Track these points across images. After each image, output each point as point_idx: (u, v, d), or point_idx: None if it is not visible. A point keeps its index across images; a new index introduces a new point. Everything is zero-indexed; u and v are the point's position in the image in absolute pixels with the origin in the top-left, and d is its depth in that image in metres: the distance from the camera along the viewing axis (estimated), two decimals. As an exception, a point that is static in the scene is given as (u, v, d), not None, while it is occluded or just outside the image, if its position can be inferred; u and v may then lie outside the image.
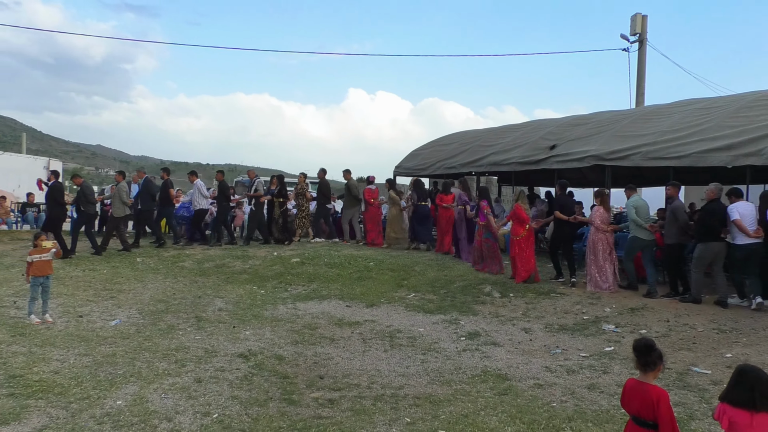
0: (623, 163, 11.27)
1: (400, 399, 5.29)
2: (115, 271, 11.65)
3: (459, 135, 18.81)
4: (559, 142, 13.19)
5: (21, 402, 5.01)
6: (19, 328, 7.35)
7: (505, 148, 14.84)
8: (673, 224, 9.35)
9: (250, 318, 8.33)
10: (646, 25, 20.05)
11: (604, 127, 12.74)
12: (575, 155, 12.25)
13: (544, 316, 8.57)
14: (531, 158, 13.52)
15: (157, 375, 5.80)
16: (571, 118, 15.10)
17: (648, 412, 3.22)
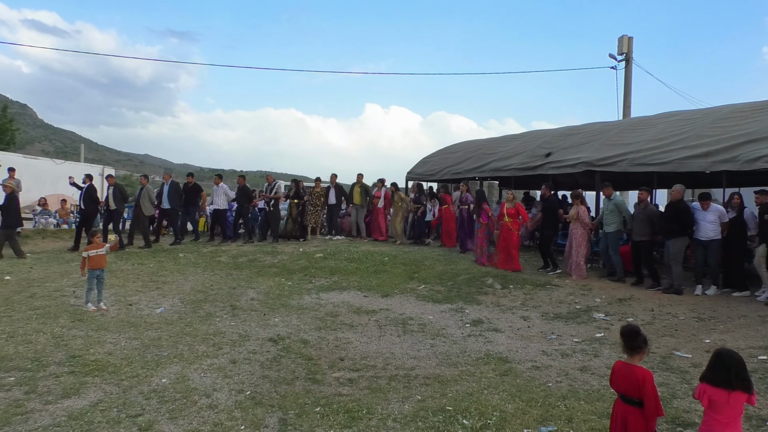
0: (612, 168, 11.16)
1: (411, 379, 5.27)
2: (160, 265, 11.73)
3: (464, 144, 18.75)
4: (553, 150, 13.11)
5: (80, 379, 5.07)
6: (77, 315, 7.43)
7: (505, 155, 14.76)
8: (647, 224, 9.34)
9: (279, 306, 8.35)
10: (632, 45, 19.82)
11: (594, 136, 12.64)
12: (568, 162, 12.17)
13: (540, 305, 8.50)
14: (529, 164, 13.45)
15: (197, 356, 5.83)
16: (564, 128, 14.99)
17: (634, 390, 3.18)
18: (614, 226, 9.90)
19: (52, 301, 8.22)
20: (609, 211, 9.99)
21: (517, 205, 11.27)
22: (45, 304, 7.98)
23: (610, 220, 9.94)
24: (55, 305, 7.93)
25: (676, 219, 8.90)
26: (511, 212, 11.17)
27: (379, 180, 15.72)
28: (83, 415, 4.30)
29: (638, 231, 9.47)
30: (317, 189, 15.13)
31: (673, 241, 8.96)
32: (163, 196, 14.24)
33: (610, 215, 9.94)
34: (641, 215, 9.45)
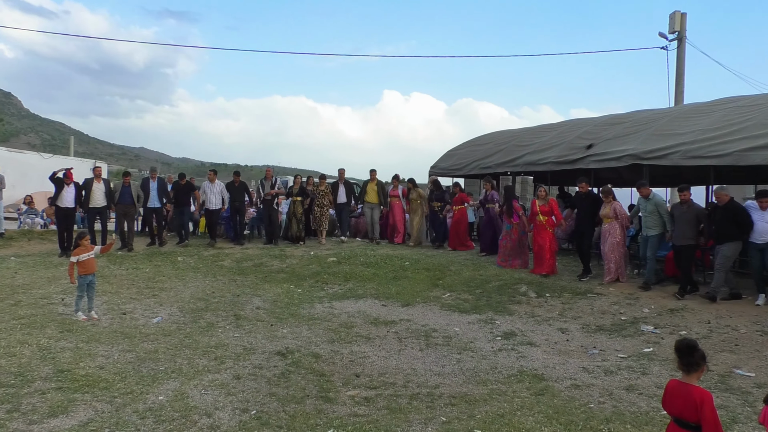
0: (662, 162, 11.02)
1: (435, 398, 5.24)
2: (157, 269, 11.85)
3: (494, 135, 18.66)
4: (595, 142, 12.97)
5: (68, 396, 5.12)
6: (66, 325, 7.52)
7: (540, 147, 14.66)
8: (693, 226, 9.21)
9: (288, 316, 8.37)
10: (685, 22, 19.58)
11: (641, 126, 12.47)
12: (612, 154, 12.03)
13: (580, 316, 8.42)
14: (567, 158, 13.33)
15: (197, 371, 5.86)
16: (607, 117, 14.83)
17: (691, 413, 3.12)
18: (657, 229, 9.77)
19: (39, 309, 8.33)
20: (649, 213, 9.86)
21: (550, 202, 11.25)
22: (30, 313, 8.09)
23: (652, 223, 9.82)
24: (41, 314, 8.03)
25: (731, 221, 8.74)
26: (544, 210, 11.14)
27: (394, 177, 15.65)
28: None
29: (683, 234, 9.31)
30: (322, 187, 15.12)
31: (728, 245, 8.80)
32: (151, 194, 14.22)
33: (651, 217, 9.81)
34: (686, 216, 9.29)
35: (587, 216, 10.91)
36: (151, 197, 14.16)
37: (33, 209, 17.78)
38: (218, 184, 14.73)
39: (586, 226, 11.02)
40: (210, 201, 14.64)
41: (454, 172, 17.78)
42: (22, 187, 20.53)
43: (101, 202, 13.48)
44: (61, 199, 13.05)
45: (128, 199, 13.72)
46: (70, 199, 13.12)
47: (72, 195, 13.14)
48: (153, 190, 14.17)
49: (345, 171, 15.82)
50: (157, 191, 14.20)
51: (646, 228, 9.95)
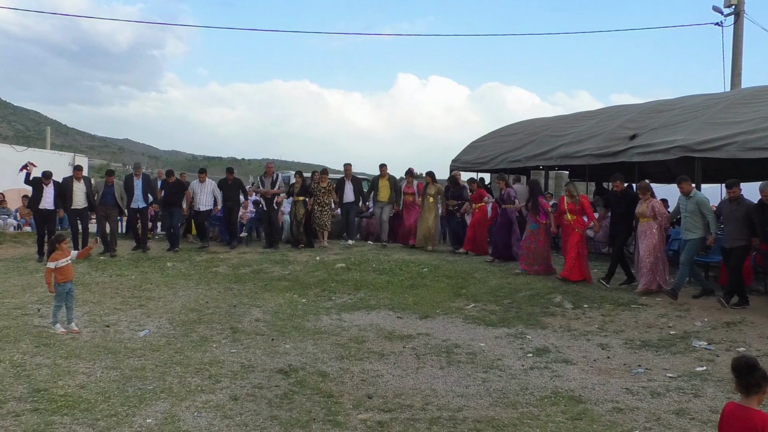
0: (717, 154, 10.93)
1: (458, 422, 5.24)
2: (143, 276, 11.95)
3: (524, 124, 18.62)
4: (640, 132, 12.91)
5: (45, 418, 5.17)
6: (43, 338, 7.60)
7: (577, 138, 14.61)
8: (745, 225, 9.09)
9: (291, 330, 8.41)
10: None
11: (693, 113, 12.40)
12: (659, 146, 11.96)
13: (623, 330, 8.38)
14: (608, 150, 13.27)
15: (189, 391, 5.90)
16: (654, 103, 14.77)
17: (751, 441, 3.10)
18: (698, 232, 9.61)
19: (12, 321, 8.42)
20: (689, 212, 9.67)
21: (581, 200, 11.15)
22: (3, 326, 8.18)
23: (692, 224, 9.65)
24: (15, 326, 8.13)
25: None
26: (573, 209, 11.06)
27: (407, 171, 15.52)
28: (50, 462, 4.39)
29: (733, 234, 9.21)
30: (323, 184, 15.01)
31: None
32: (135, 192, 14.27)
33: (692, 218, 9.64)
34: (735, 214, 9.18)
35: (623, 217, 10.75)
36: (136, 196, 14.19)
37: (5, 209, 17.99)
38: (209, 183, 14.78)
39: (621, 228, 10.86)
40: (200, 201, 14.67)
41: (479, 167, 17.77)
42: (-8, 184, 20.75)
43: (82, 203, 13.59)
44: (40, 201, 13.18)
45: (111, 199, 13.78)
46: (49, 200, 13.25)
47: (51, 196, 13.27)
48: (137, 188, 14.20)
49: (352, 166, 15.68)
50: (142, 190, 14.24)
51: (685, 230, 9.79)
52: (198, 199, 14.65)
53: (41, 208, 13.31)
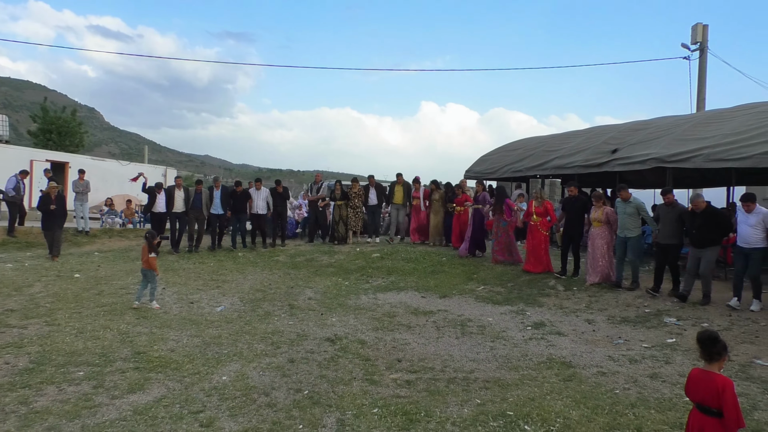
0: (685, 165, 10.67)
1: (471, 382, 5.21)
2: (220, 264, 12.08)
3: (524, 141, 18.39)
4: (620, 146, 12.66)
5: (144, 375, 5.27)
6: (142, 312, 7.75)
7: (568, 152, 14.38)
8: (678, 225, 8.72)
9: (336, 306, 8.43)
10: (707, 33, 18.94)
11: (665, 131, 12.12)
12: (637, 158, 11.72)
13: (606, 308, 8.24)
14: (593, 161, 13.04)
15: (256, 355, 5.96)
16: (632, 123, 14.46)
17: (713, 399, 3.03)
18: (637, 231, 9.27)
19: (118, 298, 8.59)
20: (628, 215, 9.30)
21: (545, 204, 10.85)
22: (111, 302, 8.35)
23: (631, 225, 9.27)
24: (121, 303, 8.29)
25: (712, 226, 8.20)
26: (539, 211, 10.77)
27: (415, 179, 15.22)
28: (147, 410, 4.47)
29: (668, 233, 8.84)
30: (355, 189, 14.80)
31: (711, 249, 8.25)
32: (215, 201, 14.05)
33: (630, 219, 9.27)
34: (670, 216, 8.81)
35: (576, 219, 10.34)
36: (215, 204, 14.03)
37: (113, 210, 18.32)
38: (264, 191, 14.52)
39: (575, 229, 10.42)
40: (257, 206, 14.41)
41: (488, 176, 17.59)
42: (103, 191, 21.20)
43: (181, 207, 13.48)
44: (156, 206, 13.37)
45: (199, 204, 13.69)
46: (161, 204, 13.34)
47: (163, 201, 13.34)
48: (216, 197, 14.06)
49: (375, 176, 15.45)
50: (221, 199, 14.06)
51: (625, 230, 9.33)
52: (256, 204, 14.40)
53: (156, 212, 13.42)
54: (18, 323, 7.02)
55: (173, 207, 13.42)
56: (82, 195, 15.39)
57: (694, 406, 3.18)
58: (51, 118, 32.66)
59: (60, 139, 31.92)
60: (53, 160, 23.70)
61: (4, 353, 5.83)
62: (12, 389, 4.87)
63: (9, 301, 8.26)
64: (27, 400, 4.65)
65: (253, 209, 14.40)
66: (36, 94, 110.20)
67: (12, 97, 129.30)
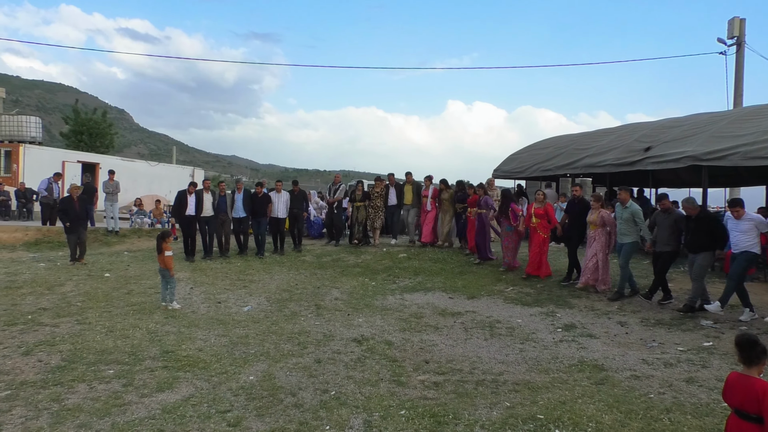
0: (721, 163, 10.43)
1: (500, 384, 5.16)
2: (247, 264, 12.20)
3: (554, 139, 18.20)
4: (654, 144, 12.43)
5: (173, 374, 5.35)
6: (170, 312, 7.87)
7: (599, 150, 14.17)
8: (674, 232, 8.41)
9: (363, 307, 8.44)
10: (744, 28, 18.47)
11: (700, 128, 11.86)
12: (671, 156, 11.49)
13: (639, 310, 8.09)
14: (625, 160, 12.82)
15: (282, 355, 6.00)
16: (665, 120, 14.19)
17: (752, 405, 2.94)
18: (632, 237, 8.98)
19: (147, 298, 8.74)
20: (624, 220, 9.02)
21: (546, 207, 10.55)
22: (141, 301, 8.50)
23: (626, 230, 9.00)
24: (149, 302, 8.43)
25: (705, 231, 7.93)
26: (539, 213, 10.50)
27: (426, 177, 14.93)
28: (176, 408, 4.53)
29: (664, 240, 8.51)
30: (378, 189, 14.43)
31: (703, 255, 7.97)
32: (236, 204, 13.67)
33: (626, 225, 9.00)
34: (666, 222, 8.50)
35: (576, 220, 10.03)
36: (236, 207, 13.66)
37: (142, 210, 18.64)
38: (284, 194, 14.17)
39: (574, 231, 10.14)
40: (278, 210, 14.04)
41: (516, 175, 17.45)
42: (133, 191, 21.62)
43: (209, 211, 13.14)
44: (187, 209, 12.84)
45: (224, 207, 13.42)
46: (192, 207, 12.91)
47: (194, 204, 12.92)
48: (238, 200, 13.70)
49: (394, 175, 14.98)
50: (243, 202, 13.70)
51: (621, 235, 9.09)
52: (276, 207, 14.04)
53: (187, 215, 12.92)
54: (50, 321, 7.20)
55: (202, 211, 13.06)
56: (112, 195, 15.70)
57: (732, 411, 3.10)
58: (82, 119, 33.47)
59: (91, 141, 32.68)
60: (84, 161, 24.28)
61: (37, 351, 5.98)
62: (45, 386, 4.99)
63: (42, 299, 8.47)
64: (59, 397, 4.76)
65: (273, 212, 13.99)
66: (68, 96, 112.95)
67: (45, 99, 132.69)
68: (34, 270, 10.82)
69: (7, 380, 5.15)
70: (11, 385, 5.02)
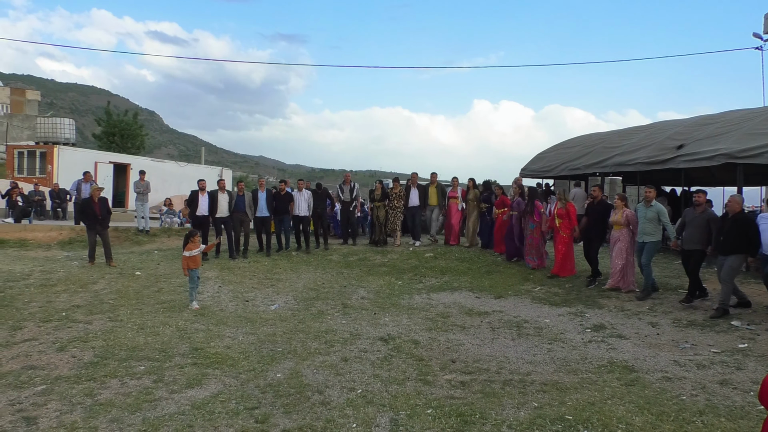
0: (757, 160, 10.17)
1: (527, 384, 5.12)
2: (274, 263, 12.31)
3: (583, 138, 17.99)
4: (686, 142, 12.19)
5: (202, 370, 5.43)
6: (199, 310, 7.98)
7: (630, 149, 13.96)
8: (704, 231, 8.16)
9: (389, 306, 8.45)
10: (781, 21, 18.01)
11: (735, 125, 11.59)
12: (704, 154, 11.25)
13: (671, 311, 7.94)
14: (657, 158, 12.60)
15: (309, 353, 6.04)
16: (698, 118, 13.91)
17: (789, 409, 2.86)
18: (656, 236, 8.81)
19: (177, 296, 8.88)
20: (648, 219, 8.83)
21: (567, 206, 10.37)
22: (170, 299, 8.64)
23: (650, 229, 8.80)
24: (179, 300, 8.56)
25: (740, 233, 7.67)
26: (561, 213, 10.35)
27: (453, 178, 14.54)
28: (205, 405, 4.60)
29: (693, 239, 8.29)
30: (395, 190, 14.31)
31: (734, 257, 7.73)
32: (259, 203, 13.65)
33: (650, 224, 8.80)
34: (697, 220, 8.26)
35: (597, 222, 9.86)
36: (260, 207, 13.66)
37: (172, 210, 18.94)
38: (306, 193, 14.08)
39: (595, 233, 9.97)
40: (299, 208, 13.97)
41: (544, 174, 17.29)
42: (163, 191, 21.95)
43: (225, 211, 13.15)
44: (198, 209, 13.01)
45: (242, 207, 13.35)
46: (204, 208, 13.02)
47: (206, 204, 13.02)
48: (261, 200, 13.69)
49: (417, 175, 14.85)
50: (266, 201, 13.73)
51: (644, 234, 8.87)
52: (297, 206, 13.97)
53: (198, 215, 13.05)
54: (83, 318, 7.37)
55: (217, 211, 13.06)
56: (142, 195, 16.01)
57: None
58: (114, 121, 34.18)
59: (122, 142, 33.35)
60: (116, 161, 24.77)
61: (70, 347, 6.12)
62: (78, 382, 5.11)
63: (75, 297, 8.67)
64: (92, 392, 4.87)
65: (295, 211, 13.98)
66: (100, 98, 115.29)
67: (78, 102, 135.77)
68: (68, 268, 11.08)
69: (43, 375, 5.29)
70: (46, 380, 5.15)
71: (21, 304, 8.11)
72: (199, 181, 13.53)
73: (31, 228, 15.53)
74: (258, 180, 15.28)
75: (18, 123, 40.28)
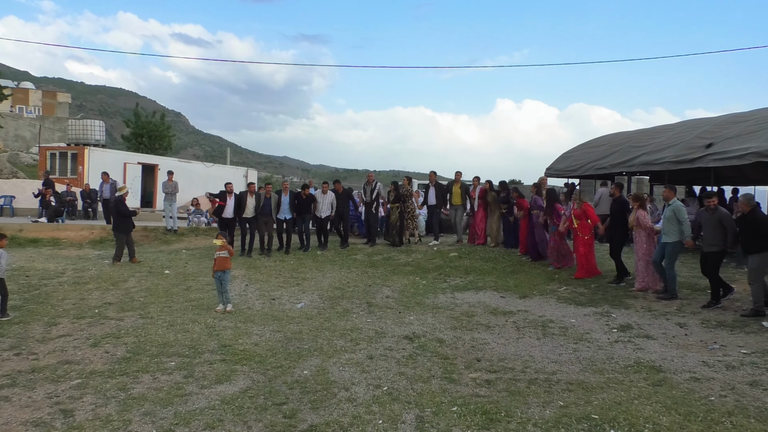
0: (790, 159, 9.95)
1: (553, 383, 5.12)
2: (300, 262, 12.44)
3: (609, 137, 17.76)
4: (716, 140, 11.96)
5: (230, 366, 5.55)
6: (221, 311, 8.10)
7: (657, 148, 13.75)
8: (719, 231, 8.04)
9: (414, 305, 8.49)
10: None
11: (767, 123, 11.36)
12: (734, 152, 11.02)
13: (699, 312, 7.83)
14: (685, 157, 12.38)
15: (335, 351, 6.11)
16: (729, 116, 13.64)
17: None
18: (675, 236, 8.61)
19: (205, 294, 9.04)
20: (667, 218, 8.70)
21: (584, 206, 10.26)
22: (199, 297, 8.81)
23: (669, 229, 8.65)
24: (207, 298, 8.72)
25: (755, 232, 7.54)
26: (577, 214, 10.22)
27: (475, 177, 14.47)
28: (234, 400, 4.70)
29: (709, 240, 8.16)
30: (406, 188, 14.29)
31: (753, 257, 7.60)
32: (282, 206, 13.83)
33: (668, 223, 8.66)
34: (711, 222, 8.14)
35: (617, 221, 9.82)
36: (283, 209, 13.82)
37: (199, 210, 19.22)
38: (330, 195, 14.22)
39: (614, 231, 9.91)
40: (321, 209, 14.12)
41: (570, 173, 17.13)
42: (189, 192, 22.26)
43: (251, 213, 13.32)
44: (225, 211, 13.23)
45: (268, 209, 13.56)
46: (230, 210, 13.23)
47: (232, 207, 13.21)
48: (284, 202, 13.85)
49: (436, 173, 14.75)
50: (289, 203, 13.87)
51: (663, 234, 8.75)
52: (320, 207, 14.14)
53: (224, 217, 13.29)
54: (115, 315, 7.56)
55: (243, 213, 13.26)
56: (170, 195, 16.29)
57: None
58: (142, 122, 34.76)
59: (150, 143, 33.89)
60: (144, 162, 25.22)
61: (104, 343, 6.30)
62: (112, 376, 5.26)
63: (107, 295, 8.89)
64: (125, 386, 5.01)
65: (317, 211, 14.13)
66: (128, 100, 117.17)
67: (107, 104, 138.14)
68: (100, 266, 11.34)
69: (78, 369, 5.46)
70: (82, 374, 5.32)
71: (55, 301, 8.35)
72: (227, 184, 13.74)
73: (63, 227, 15.94)
74: (282, 182, 15.30)
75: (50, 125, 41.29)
